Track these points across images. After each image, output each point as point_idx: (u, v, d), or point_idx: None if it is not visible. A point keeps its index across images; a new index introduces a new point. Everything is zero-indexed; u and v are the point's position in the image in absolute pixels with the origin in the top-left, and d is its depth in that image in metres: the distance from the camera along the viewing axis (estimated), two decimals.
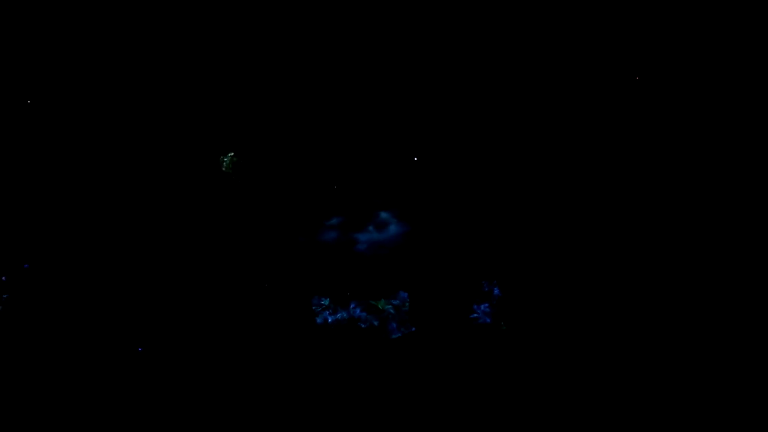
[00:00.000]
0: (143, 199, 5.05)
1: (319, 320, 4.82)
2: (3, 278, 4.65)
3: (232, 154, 4.86)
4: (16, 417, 4.26)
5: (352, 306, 4.89)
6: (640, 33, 5.08)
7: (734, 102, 4.97)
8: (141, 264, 4.92)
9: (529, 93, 5.39)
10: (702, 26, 4.99)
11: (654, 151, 5.15)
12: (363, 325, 4.79)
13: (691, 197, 4.99)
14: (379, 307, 4.85)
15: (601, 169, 5.25)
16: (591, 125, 5.29)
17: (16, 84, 5.14)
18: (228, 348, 4.65)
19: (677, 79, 5.05)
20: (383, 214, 5.40)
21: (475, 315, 4.88)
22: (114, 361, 4.57)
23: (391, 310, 4.86)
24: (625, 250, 5.01)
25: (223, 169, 4.75)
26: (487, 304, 4.98)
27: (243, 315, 4.80)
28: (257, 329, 4.74)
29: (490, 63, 5.43)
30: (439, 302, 4.98)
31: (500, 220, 5.30)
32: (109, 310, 4.73)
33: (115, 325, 4.70)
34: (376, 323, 4.81)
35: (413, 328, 4.79)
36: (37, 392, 4.39)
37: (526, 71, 5.40)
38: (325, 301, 4.87)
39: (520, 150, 5.40)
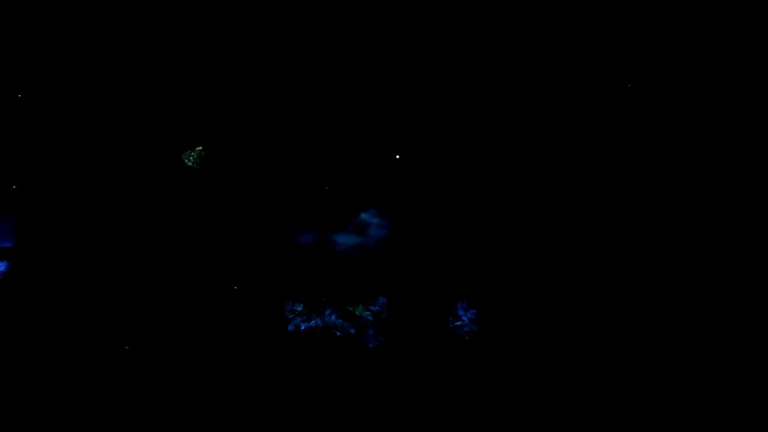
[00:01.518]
0: (111, 197, 4.73)
1: (290, 327, 4.45)
2: None
3: (200, 148, 4.53)
4: (12, 416, 3.94)
5: (327, 312, 4.53)
6: (633, 41, 4.91)
7: (726, 108, 4.78)
8: (105, 264, 4.58)
9: (511, 96, 5.14)
10: (696, 34, 4.82)
11: (641, 156, 4.91)
12: (338, 333, 4.43)
13: (680, 202, 4.74)
14: (357, 313, 4.49)
15: (585, 172, 4.98)
16: (574, 129, 5.05)
17: None
18: (192, 355, 4.28)
19: (669, 87, 4.87)
20: (363, 215, 5.06)
21: (460, 323, 4.52)
22: (82, 364, 4.22)
23: (369, 317, 4.50)
24: (610, 254, 4.72)
25: (190, 164, 4.42)
26: (473, 312, 4.63)
27: (210, 320, 4.44)
28: (225, 336, 4.38)
29: (471, 64, 5.17)
30: (421, 309, 4.62)
31: (485, 223, 4.98)
32: (69, 311, 4.39)
33: (77, 327, 4.35)
34: (352, 331, 4.45)
35: (392, 337, 4.42)
36: (28, 391, 4.06)
37: (510, 74, 5.14)
38: (299, 307, 4.52)
39: (503, 152, 5.12)
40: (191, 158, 4.43)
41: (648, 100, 4.95)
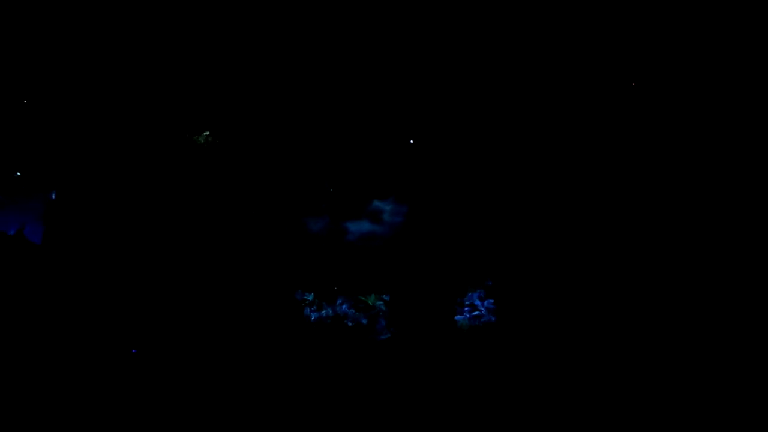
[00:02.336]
0: (123, 187, 4.65)
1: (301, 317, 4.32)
2: None
3: (208, 133, 4.40)
4: (14, 416, 3.92)
5: (338, 302, 4.38)
6: (636, 40, 4.77)
7: (728, 108, 4.62)
8: (115, 254, 4.51)
9: (526, 86, 4.94)
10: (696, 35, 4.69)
11: (647, 153, 4.72)
12: (350, 323, 4.27)
13: (685, 198, 4.54)
14: (369, 303, 4.33)
15: (597, 163, 4.78)
16: (585, 122, 4.85)
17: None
18: (199, 345, 4.18)
19: (671, 86, 4.71)
20: (377, 202, 4.89)
21: (477, 312, 4.32)
22: (96, 360, 4.16)
23: (382, 307, 4.33)
24: (621, 246, 4.49)
25: (201, 142, 4.29)
26: (491, 301, 4.43)
27: (218, 310, 4.33)
28: (232, 327, 4.26)
29: (489, 56, 4.98)
30: (437, 299, 4.44)
31: (502, 211, 4.76)
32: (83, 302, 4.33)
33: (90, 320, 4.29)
34: (364, 321, 4.29)
35: (405, 328, 4.25)
36: (32, 391, 4.03)
37: (525, 64, 4.94)
38: (309, 296, 4.37)
39: (519, 143, 4.91)
40: (200, 140, 4.31)
41: (659, 96, 4.79)
